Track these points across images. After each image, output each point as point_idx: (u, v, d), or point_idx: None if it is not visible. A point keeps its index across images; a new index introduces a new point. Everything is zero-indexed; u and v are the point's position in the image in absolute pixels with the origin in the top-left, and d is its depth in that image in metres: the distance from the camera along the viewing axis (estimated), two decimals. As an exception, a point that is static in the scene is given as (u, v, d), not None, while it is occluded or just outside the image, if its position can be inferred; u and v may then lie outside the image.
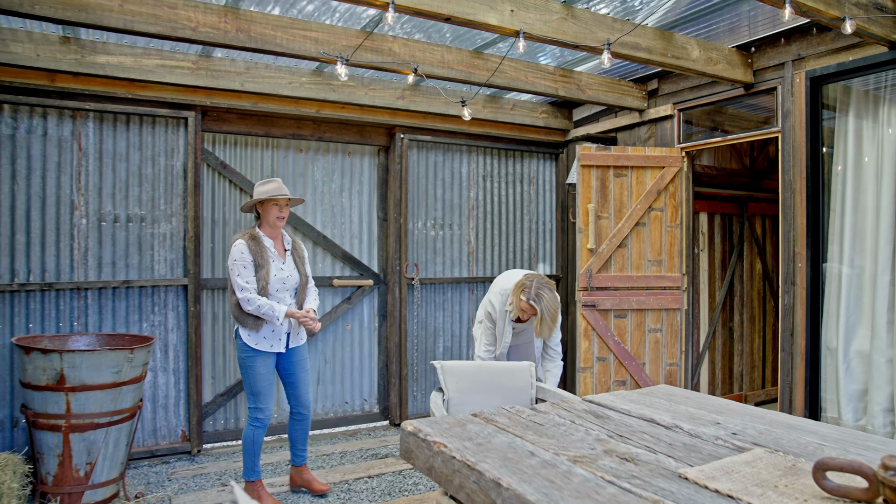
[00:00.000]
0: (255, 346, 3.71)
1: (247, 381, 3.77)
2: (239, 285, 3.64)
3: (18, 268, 4.20)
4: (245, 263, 3.66)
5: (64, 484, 3.66)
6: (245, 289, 3.63)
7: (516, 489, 1.60)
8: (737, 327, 5.86)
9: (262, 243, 3.75)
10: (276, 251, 3.83)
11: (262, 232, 3.81)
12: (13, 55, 3.95)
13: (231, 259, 3.69)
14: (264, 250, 3.74)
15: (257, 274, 3.68)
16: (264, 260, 3.72)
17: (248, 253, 3.68)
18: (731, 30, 4.41)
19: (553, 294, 3.53)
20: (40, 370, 3.58)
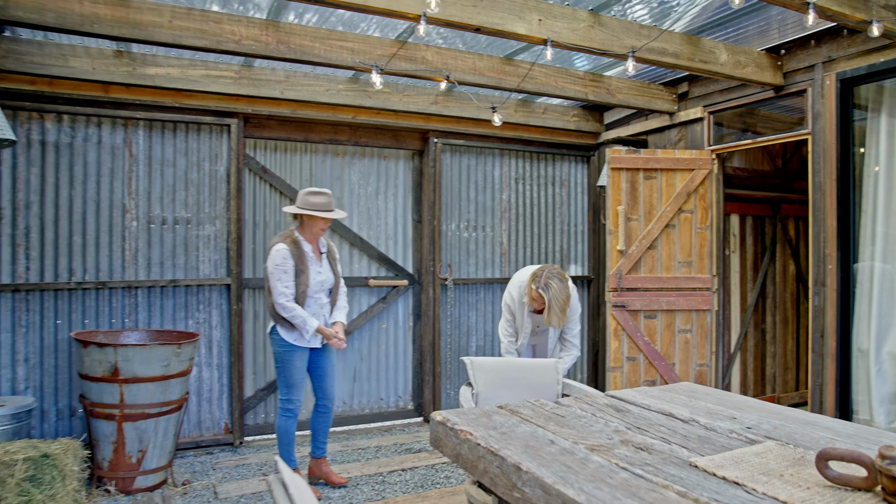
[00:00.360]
0: (292, 342, 3.88)
1: (282, 374, 3.93)
2: (279, 290, 3.78)
3: (76, 267, 4.48)
4: (286, 269, 3.78)
5: (118, 469, 3.90)
6: (283, 294, 3.77)
7: (535, 472, 1.73)
8: (769, 329, 5.85)
9: (302, 248, 3.87)
10: (314, 255, 3.96)
11: (301, 236, 3.94)
12: (72, 69, 4.22)
13: (272, 263, 3.80)
14: (304, 255, 3.87)
15: (298, 279, 3.82)
16: (305, 265, 3.85)
17: (290, 259, 3.80)
18: (760, 33, 4.44)
19: (563, 284, 3.56)
20: (97, 363, 3.84)
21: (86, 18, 3.42)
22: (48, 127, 4.41)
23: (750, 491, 1.61)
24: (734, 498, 1.55)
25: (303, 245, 3.90)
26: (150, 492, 4.00)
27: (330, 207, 3.90)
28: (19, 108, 4.27)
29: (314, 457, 4.18)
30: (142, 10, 3.53)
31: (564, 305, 3.53)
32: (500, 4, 3.44)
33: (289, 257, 3.80)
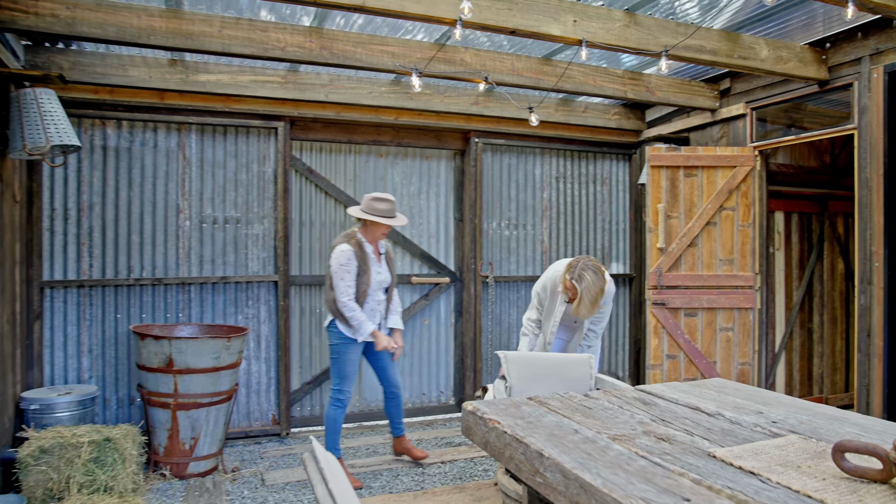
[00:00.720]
0: (348, 335, 4.07)
1: (336, 366, 4.15)
2: (341, 289, 3.97)
3: (133, 265, 4.75)
4: (350, 269, 3.98)
5: (172, 455, 4.14)
6: (346, 293, 3.97)
7: (556, 458, 1.81)
8: (816, 328, 5.73)
9: (364, 250, 4.06)
10: (374, 256, 4.16)
11: (363, 238, 4.10)
12: (130, 78, 4.48)
13: (337, 262, 3.97)
14: (366, 256, 4.06)
15: (360, 278, 4.02)
16: (367, 266, 4.05)
17: (354, 259, 3.99)
18: (804, 26, 4.37)
19: (597, 277, 3.50)
20: (153, 354, 4.07)
21: (143, 31, 3.65)
22: (109, 132, 4.69)
23: (764, 480, 1.65)
24: (747, 486, 1.60)
25: (365, 247, 4.09)
26: (202, 477, 4.22)
27: (392, 214, 4.08)
28: (83, 115, 4.56)
29: (395, 436, 4.54)
30: (193, 21, 3.74)
31: (596, 298, 3.48)
32: (534, 7, 3.51)
33: (353, 258, 3.99)
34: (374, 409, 5.61)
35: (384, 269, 4.22)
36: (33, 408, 4.03)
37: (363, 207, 4.07)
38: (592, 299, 3.47)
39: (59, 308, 4.57)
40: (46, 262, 4.53)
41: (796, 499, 1.53)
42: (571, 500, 1.72)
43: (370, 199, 4.07)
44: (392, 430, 4.55)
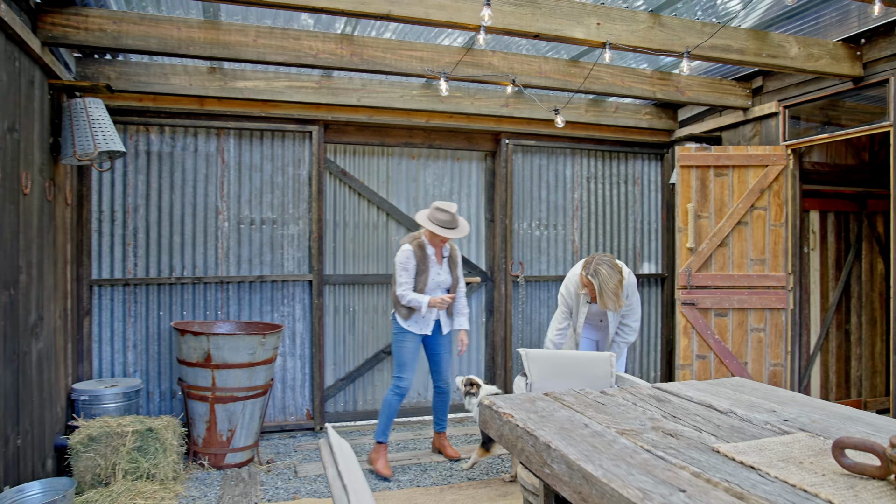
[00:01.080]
0: (407, 328, 4.37)
1: (396, 354, 4.43)
2: (399, 283, 4.30)
3: (175, 264, 4.98)
4: (408, 267, 4.29)
5: (210, 446, 4.33)
6: (402, 285, 4.29)
7: (562, 450, 1.88)
8: (854, 330, 5.61)
9: (426, 251, 4.34)
10: (436, 258, 4.41)
11: (426, 240, 4.36)
12: (172, 86, 4.70)
13: (398, 260, 4.32)
14: (427, 258, 4.34)
15: (418, 277, 4.32)
16: (426, 266, 4.33)
17: (412, 259, 4.29)
18: (838, 22, 4.31)
19: (612, 271, 3.64)
20: (192, 349, 4.27)
21: (182, 42, 3.84)
22: (152, 138, 4.93)
23: (763, 474, 1.69)
24: (745, 480, 1.65)
25: (427, 248, 4.36)
26: (239, 468, 4.40)
27: (451, 225, 4.26)
28: (129, 122, 4.80)
29: (436, 431, 4.75)
30: (230, 32, 3.92)
31: (616, 290, 3.61)
32: (557, 11, 3.57)
33: (412, 257, 4.29)
34: (405, 407, 5.73)
35: (444, 270, 4.45)
36: (83, 399, 4.27)
37: (427, 215, 4.31)
38: (613, 291, 3.58)
39: (106, 305, 4.82)
40: (95, 261, 4.79)
41: (792, 493, 1.57)
42: (575, 490, 1.79)
43: (434, 207, 4.30)
44: (434, 426, 4.75)
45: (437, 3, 3.32)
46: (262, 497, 3.92)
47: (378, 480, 4.22)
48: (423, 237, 4.37)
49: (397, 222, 5.71)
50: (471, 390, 4.30)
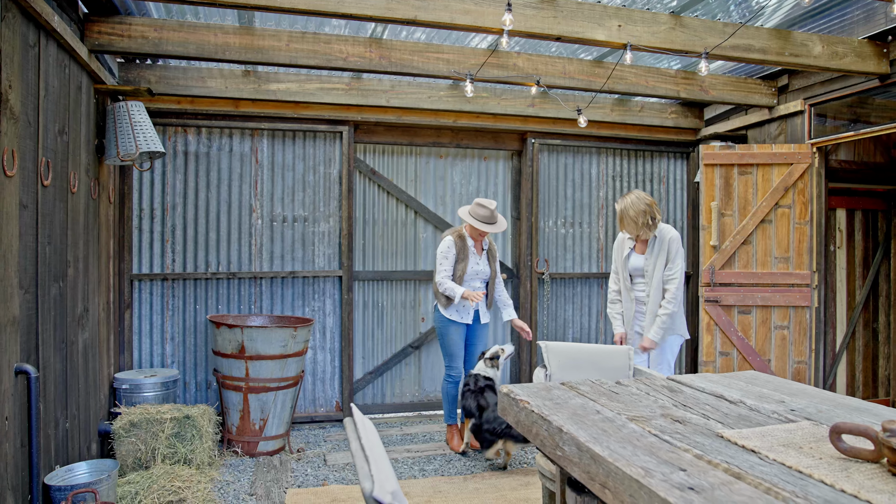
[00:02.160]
0: (448, 317, 4.67)
1: (442, 345, 4.76)
2: (439, 270, 4.64)
3: (210, 260, 5.19)
4: (448, 256, 4.62)
5: (244, 434, 4.52)
6: (441, 274, 4.62)
7: (573, 433, 1.99)
8: (882, 328, 5.57)
9: (466, 242, 4.67)
10: (475, 249, 4.73)
11: (467, 233, 4.68)
12: (208, 88, 4.90)
13: (439, 250, 4.66)
14: (466, 248, 4.66)
15: (457, 266, 4.64)
16: (465, 256, 4.64)
17: (453, 248, 4.62)
18: (864, 19, 4.31)
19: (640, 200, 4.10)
20: (227, 341, 4.47)
21: (219, 47, 4.03)
22: (189, 139, 5.15)
23: (762, 457, 1.78)
24: (744, 462, 1.74)
25: (467, 240, 4.69)
26: (270, 456, 4.59)
27: (491, 220, 4.59)
28: (167, 123, 5.03)
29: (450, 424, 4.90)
30: (264, 37, 4.10)
31: (637, 216, 4.07)
32: (579, 13, 3.66)
33: (452, 247, 4.63)
34: (432, 400, 5.87)
35: (483, 261, 4.75)
36: (124, 387, 4.50)
37: (469, 210, 4.62)
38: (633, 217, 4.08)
39: (145, 299, 5.06)
40: (135, 256, 5.03)
41: (787, 473, 1.66)
42: (583, 470, 1.90)
43: (475, 203, 4.63)
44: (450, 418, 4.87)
45: (461, 7, 3.45)
46: (293, 483, 4.09)
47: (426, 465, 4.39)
48: (464, 230, 4.66)
49: (425, 220, 5.85)
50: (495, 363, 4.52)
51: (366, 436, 1.63)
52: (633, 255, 4.35)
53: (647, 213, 4.10)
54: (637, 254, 4.34)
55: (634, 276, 4.38)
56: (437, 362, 5.89)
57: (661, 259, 4.20)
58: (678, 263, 4.16)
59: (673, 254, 4.18)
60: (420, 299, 5.86)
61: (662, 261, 4.19)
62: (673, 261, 4.17)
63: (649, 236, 4.19)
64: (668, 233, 4.22)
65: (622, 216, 4.15)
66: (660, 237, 4.20)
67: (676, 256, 4.17)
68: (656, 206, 4.17)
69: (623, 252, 4.36)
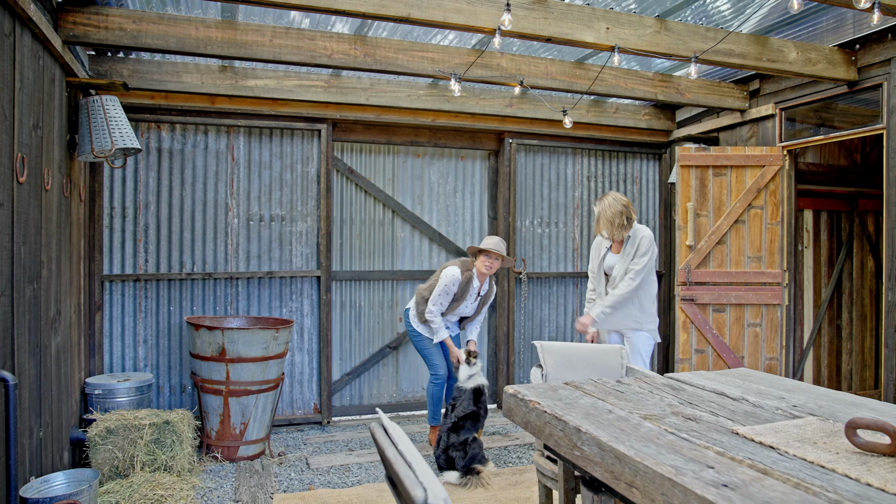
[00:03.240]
0: (419, 331, 4.72)
1: (420, 353, 4.79)
2: (434, 301, 4.58)
3: (185, 260, 5.04)
4: (449, 292, 4.58)
5: (224, 438, 4.41)
6: (435, 305, 4.59)
7: (593, 433, 2.00)
8: (845, 325, 5.80)
9: (471, 283, 4.63)
10: (474, 294, 4.70)
11: (475, 272, 4.64)
12: (184, 83, 4.76)
13: (444, 281, 4.56)
14: (469, 289, 4.63)
15: (452, 302, 4.63)
16: (463, 296, 4.63)
17: (456, 286, 4.58)
18: (835, 28, 4.47)
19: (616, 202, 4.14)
20: (207, 344, 4.35)
21: (200, 41, 3.91)
22: (163, 135, 4.99)
23: (782, 453, 1.82)
24: (766, 458, 1.78)
25: (473, 281, 4.65)
26: (251, 460, 4.48)
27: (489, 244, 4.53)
28: (141, 119, 4.86)
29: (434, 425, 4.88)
30: (247, 32, 4.00)
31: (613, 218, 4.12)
32: (569, 15, 3.69)
33: (456, 286, 4.58)
34: (410, 400, 5.84)
35: (473, 306, 4.76)
36: (97, 392, 4.33)
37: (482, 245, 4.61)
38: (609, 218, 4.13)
39: (117, 300, 4.88)
40: (106, 257, 4.85)
41: (810, 468, 1.70)
42: (606, 469, 1.91)
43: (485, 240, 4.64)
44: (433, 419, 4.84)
45: (454, 6, 3.43)
46: (278, 488, 4.01)
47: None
48: (474, 271, 4.62)
49: (402, 219, 5.81)
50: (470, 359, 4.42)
51: (401, 441, 1.60)
52: (609, 254, 4.41)
53: (622, 213, 4.14)
54: (613, 253, 4.41)
55: (610, 276, 4.44)
56: (414, 363, 5.86)
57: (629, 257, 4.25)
58: (643, 260, 4.18)
59: (641, 250, 4.20)
60: (398, 299, 5.82)
61: (630, 258, 4.23)
62: (640, 256, 4.20)
63: (624, 236, 4.24)
64: (641, 231, 4.26)
65: (599, 218, 4.20)
66: (633, 236, 4.24)
67: (644, 253, 4.19)
68: (632, 206, 4.23)
69: (600, 252, 4.44)
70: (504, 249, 4.58)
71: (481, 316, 4.89)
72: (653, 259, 4.24)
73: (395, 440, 1.60)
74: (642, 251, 4.20)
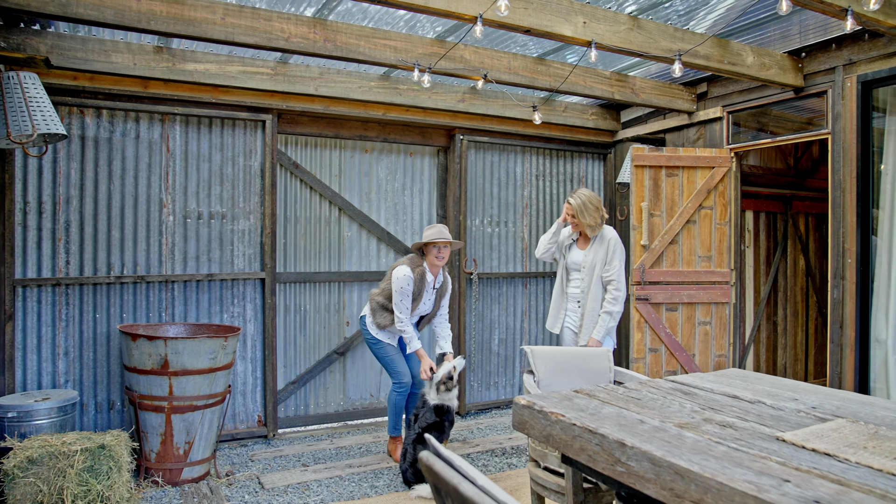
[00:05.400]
0: (378, 337, 4.41)
1: (381, 360, 4.48)
2: (399, 307, 4.26)
3: (114, 262, 4.53)
4: (408, 293, 4.27)
5: (166, 461, 3.97)
6: (403, 311, 4.27)
7: (641, 447, 1.86)
8: (780, 321, 6.06)
9: (425, 280, 4.35)
10: (430, 289, 4.44)
11: (427, 266, 4.36)
12: (114, 64, 4.26)
13: (398, 284, 4.24)
14: (424, 285, 4.35)
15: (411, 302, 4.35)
16: (420, 294, 4.34)
17: (412, 285, 4.27)
18: (782, 37, 4.61)
19: (593, 194, 4.25)
20: (146, 356, 3.90)
21: (143, 15, 3.48)
22: (87, 122, 4.45)
23: (842, 461, 1.75)
24: (832, 466, 1.70)
25: (426, 276, 4.37)
26: (196, 483, 4.07)
27: (441, 235, 4.26)
28: (61, 102, 4.31)
29: (394, 436, 4.57)
30: (196, 8, 3.60)
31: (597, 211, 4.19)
32: (548, 7, 3.57)
33: (412, 285, 4.28)
34: (358, 409, 5.56)
35: (431, 301, 4.47)
36: (10, 416, 3.78)
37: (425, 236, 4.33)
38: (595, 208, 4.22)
39: (32, 308, 4.31)
40: (19, 259, 4.26)
41: (882, 476, 1.63)
42: (664, 487, 1.77)
43: (425, 230, 4.38)
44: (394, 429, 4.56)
45: (436, -10, 3.22)
46: (232, 512, 3.64)
47: (375, 481, 4.05)
48: (425, 265, 4.36)
49: (350, 218, 5.51)
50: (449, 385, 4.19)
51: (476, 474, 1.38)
52: (573, 249, 4.45)
53: (599, 209, 4.25)
54: (577, 249, 4.45)
55: (571, 271, 4.47)
56: (362, 369, 5.58)
57: (601, 256, 4.29)
58: (615, 264, 4.24)
59: (612, 253, 4.27)
60: (345, 302, 5.52)
61: (602, 258, 4.28)
62: (611, 261, 4.25)
63: (597, 232, 4.29)
64: (610, 233, 4.37)
65: (584, 206, 4.18)
66: (602, 235, 4.33)
67: (614, 257, 4.26)
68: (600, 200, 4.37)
69: (564, 245, 4.43)
70: (448, 234, 4.35)
71: (443, 313, 4.62)
72: (622, 262, 4.30)
73: (471, 474, 1.37)
74: (611, 255, 4.30)
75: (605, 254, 4.25)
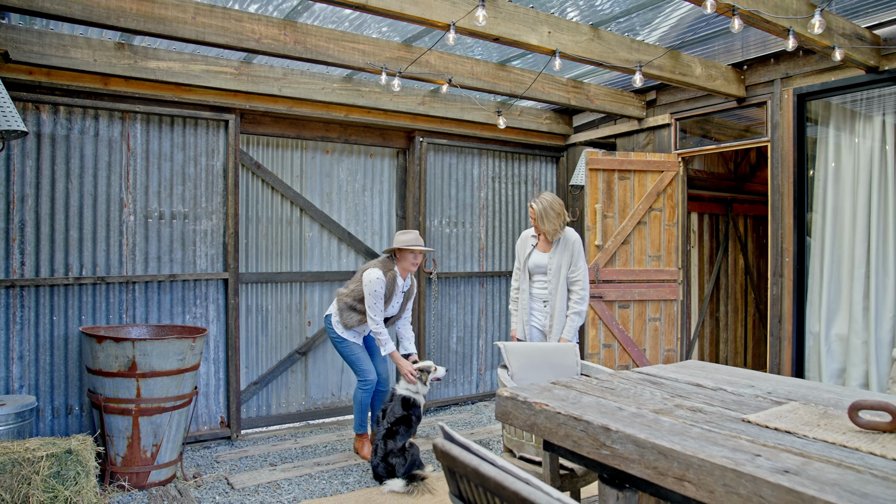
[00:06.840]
0: (344, 337, 4.45)
1: (347, 360, 4.51)
2: (374, 310, 4.31)
3: (72, 262, 4.42)
4: (380, 296, 4.32)
5: (132, 464, 3.92)
6: (375, 312, 4.32)
7: (625, 431, 2.02)
8: (722, 317, 6.43)
9: (396, 283, 4.41)
10: (399, 293, 4.50)
11: (398, 271, 4.42)
12: (73, 60, 4.18)
13: (371, 287, 4.28)
14: (395, 287, 4.42)
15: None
16: (390, 297, 4.41)
17: (384, 287, 4.33)
18: (726, 51, 4.92)
19: (556, 199, 4.28)
20: (112, 358, 3.84)
21: (111, 11, 3.45)
22: (44, 118, 4.34)
23: (801, 437, 1.96)
24: (794, 442, 1.90)
25: (397, 279, 4.44)
26: (164, 486, 4.03)
27: (417, 242, 4.36)
28: (15, 98, 4.18)
29: (360, 433, 4.63)
30: (166, 6, 3.59)
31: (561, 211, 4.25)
32: (516, 17, 3.72)
33: (383, 286, 4.34)
34: (320, 408, 5.59)
35: (398, 304, 4.54)
36: (-35, 421, 3.67)
37: (400, 242, 4.38)
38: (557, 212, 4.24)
39: (-16, 310, 4.17)
40: (-30, 259, 4.12)
41: (836, 448, 1.85)
42: (648, 466, 1.94)
43: (397, 234, 4.44)
44: (360, 427, 4.61)
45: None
46: (204, 512, 3.64)
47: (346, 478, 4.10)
48: (396, 269, 4.42)
49: (311, 218, 5.54)
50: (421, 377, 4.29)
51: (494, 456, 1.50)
52: (535, 252, 4.53)
53: (562, 214, 4.32)
54: (539, 252, 4.53)
55: (534, 273, 4.57)
56: (324, 368, 5.61)
57: (566, 259, 4.39)
58: (581, 265, 4.37)
59: (576, 255, 4.39)
60: (306, 302, 5.54)
61: (567, 260, 4.39)
62: (576, 263, 4.38)
63: (559, 236, 4.38)
64: (573, 235, 4.46)
65: (545, 212, 4.23)
66: (564, 238, 4.41)
67: (579, 258, 4.38)
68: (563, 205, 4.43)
69: (526, 249, 4.53)
70: (422, 241, 4.47)
71: (407, 315, 4.70)
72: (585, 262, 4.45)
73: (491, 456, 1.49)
74: (576, 256, 4.38)
75: (571, 256, 4.37)
